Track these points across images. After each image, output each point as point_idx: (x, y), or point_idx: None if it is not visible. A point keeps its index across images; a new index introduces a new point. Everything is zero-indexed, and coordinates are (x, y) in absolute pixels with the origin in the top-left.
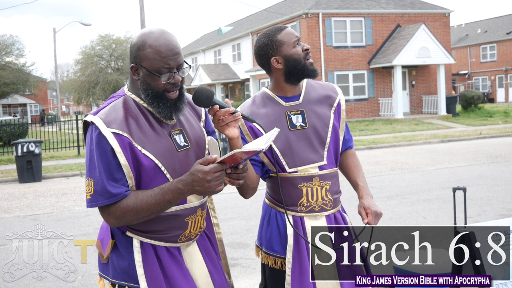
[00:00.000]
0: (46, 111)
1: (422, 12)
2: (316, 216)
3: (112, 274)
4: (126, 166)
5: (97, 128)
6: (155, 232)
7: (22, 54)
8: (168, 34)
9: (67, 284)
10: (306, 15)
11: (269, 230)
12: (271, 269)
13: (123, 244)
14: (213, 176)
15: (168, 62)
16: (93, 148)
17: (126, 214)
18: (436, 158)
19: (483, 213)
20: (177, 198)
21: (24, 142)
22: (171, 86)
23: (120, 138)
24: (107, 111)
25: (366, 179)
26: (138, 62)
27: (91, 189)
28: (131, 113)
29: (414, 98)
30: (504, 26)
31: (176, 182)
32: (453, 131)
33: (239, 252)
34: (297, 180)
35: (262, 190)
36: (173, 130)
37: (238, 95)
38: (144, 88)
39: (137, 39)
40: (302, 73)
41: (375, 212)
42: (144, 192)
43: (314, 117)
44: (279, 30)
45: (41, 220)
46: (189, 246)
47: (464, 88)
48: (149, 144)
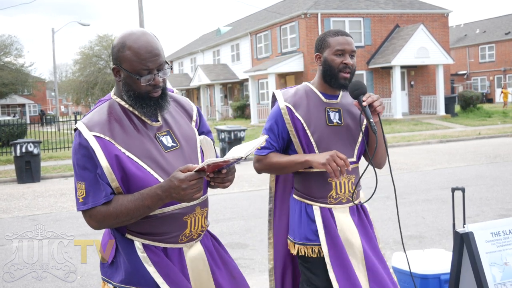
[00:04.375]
0: (45, 111)
1: (421, 12)
2: (342, 207)
3: (118, 279)
4: (108, 168)
5: (80, 132)
6: (154, 234)
7: (20, 54)
8: (148, 35)
9: (66, 284)
10: (305, 15)
11: (302, 222)
12: (306, 259)
13: (125, 247)
14: (189, 184)
15: (147, 64)
16: (77, 152)
17: (106, 218)
18: (435, 158)
19: (481, 213)
20: (156, 203)
21: (23, 142)
22: (152, 87)
23: (102, 141)
24: (91, 116)
25: (363, 179)
26: (118, 63)
27: (83, 192)
28: (116, 116)
29: (413, 98)
30: (502, 27)
31: (156, 188)
32: (452, 131)
33: (238, 252)
34: (327, 174)
35: (261, 191)
36: (159, 132)
37: (236, 95)
38: (126, 89)
39: (117, 40)
40: (330, 81)
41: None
42: (125, 196)
43: (348, 117)
44: (336, 34)
45: (40, 220)
46: (192, 247)
47: (462, 88)
48: (133, 146)
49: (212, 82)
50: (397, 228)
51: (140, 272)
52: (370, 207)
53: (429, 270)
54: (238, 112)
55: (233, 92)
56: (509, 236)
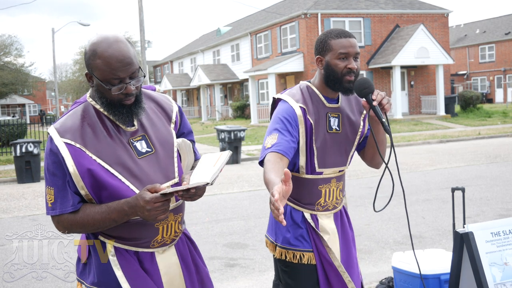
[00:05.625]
0: (45, 111)
1: (421, 13)
2: (327, 214)
3: (89, 280)
4: (77, 176)
5: (51, 138)
6: (125, 238)
7: (20, 54)
8: (120, 42)
9: (66, 284)
10: (305, 15)
11: (287, 226)
12: (287, 263)
13: (97, 249)
14: (153, 206)
15: (118, 74)
16: (47, 158)
17: (73, 226)
18: (435, 158)
19: (481, 213)
20: (122, 218)
21: (22, 142)
22: (124, 96)
23: (73, 148)
24: (64, 120)
25: (366, 179)
26: (90, 70)
27: (52, 197)
28: (89, 121)
29: (413, 98)
30: (502, 27)
31: (123, 203)
32: (452, 131)
33: (238, 252)
34: (318, 182)
35: (261, 191)
36: (133, 137)
37: (236, 95)
38: (98, 96)
39: (89, 47)
40: (334, 86)
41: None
42: (93, 207)
43: (347, 123)
44: (339, 35)
45: (39, 220)
46: (165, 252)
47: (462, 88)
48: (105, 153)
49: (212, 82)
50: (397, 228)
51: (109, 275)
52: (371, 207)
53: (429, 270)
54: (238, 112)
55: (233, 92)
56: (509, 236)
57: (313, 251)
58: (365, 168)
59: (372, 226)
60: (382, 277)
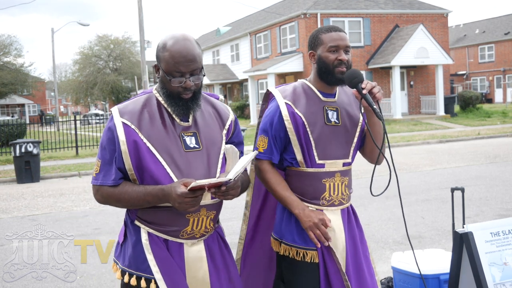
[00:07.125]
0: (45, 111)
1: (420, 13)
2: (334, 210)
3: (123, 262)
4: (126, 153)
5: (112, 116)
6: (157, 224)
7: (20, 54)
8: (188, 41)
9: (66, 284)
10: (305, 15)
11: (291, 223)
12: (290, 260)
13: (132, 233)
14: (183, 200)
15: (179, 67)
16: (104, 134)
17: (109, 198)
18: (435, 158)
19: (481, 213)
20: (155, 202)
21: (22, 142)
22: (183, 89)
23: (128, 128)
24: (127, 103)
25: (365, 179)
26: (158, 62)
27: (98, 168)
28: (149, 109)
29: (413, 98)
30: (502, 27)
31: (158, 189)
32: (452, 131)
33: None
34: (321, 175)
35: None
36: (185, 131)
37: (236, 95)
38: (161, 86)
39: (161, 41)
40: (327, 77)
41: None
42: (132, 186)
43: (346, 116)
44: (329, 30)
45: (39, 220)
46: (194, 245)
47: (462, 88)
48: (155, 139)
49: (211, 82)
50: (397, 228)
51: (140, 258)
52: (370, 207)
53: (429, 270)
54: (238, 112)
55: (233, 92)
56: (508, 236)
57: (316, 249)
58: (365, 168)
59: (372, 226)
60: (381, 277)
